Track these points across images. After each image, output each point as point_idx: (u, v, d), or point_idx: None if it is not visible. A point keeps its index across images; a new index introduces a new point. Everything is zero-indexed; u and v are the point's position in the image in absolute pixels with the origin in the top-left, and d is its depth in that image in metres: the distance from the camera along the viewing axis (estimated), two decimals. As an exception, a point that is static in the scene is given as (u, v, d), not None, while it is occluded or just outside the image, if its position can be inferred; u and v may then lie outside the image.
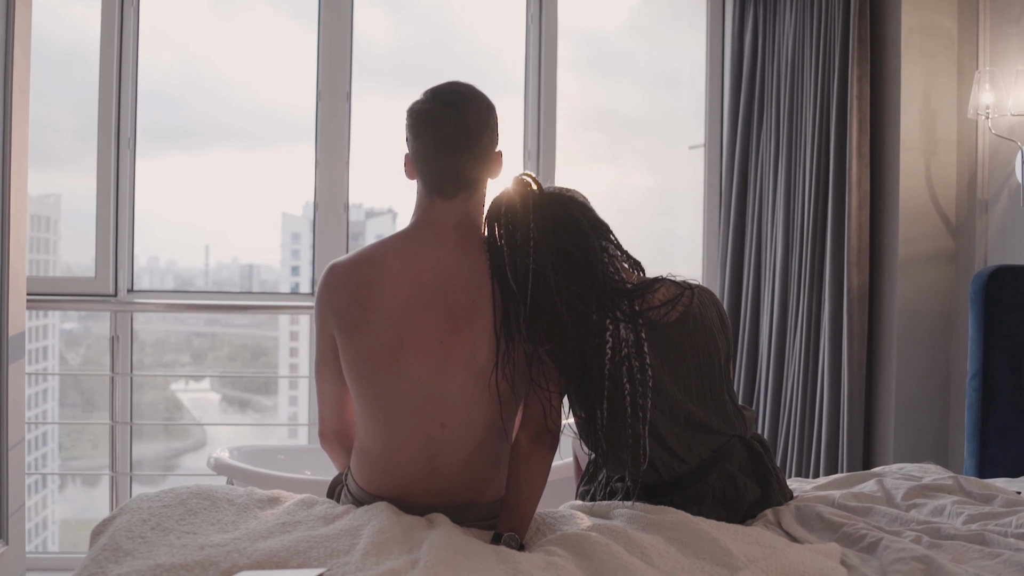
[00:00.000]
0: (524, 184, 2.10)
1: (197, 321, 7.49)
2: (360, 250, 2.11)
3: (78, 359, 6.76)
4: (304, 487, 3.07)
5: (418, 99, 2.09)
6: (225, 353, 8.22)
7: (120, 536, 1.77)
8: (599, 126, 4.85)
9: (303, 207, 7.19)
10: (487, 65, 4.81)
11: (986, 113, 3.35)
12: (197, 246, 5.68)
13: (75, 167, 3.58)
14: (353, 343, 2.02)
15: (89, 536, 1.89)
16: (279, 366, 7.97)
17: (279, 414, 7.56)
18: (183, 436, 7.36)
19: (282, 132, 5.24)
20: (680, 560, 1.80)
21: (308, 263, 7.63)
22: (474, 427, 2.03)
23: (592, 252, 2.11)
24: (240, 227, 5.49)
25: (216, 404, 8.04)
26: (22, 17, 3.12)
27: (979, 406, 2.97)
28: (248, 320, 7.96)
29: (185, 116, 4.37)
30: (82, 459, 6.76)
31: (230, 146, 5.39)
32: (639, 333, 2.08)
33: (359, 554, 1.72)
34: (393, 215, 5.80)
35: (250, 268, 6.54)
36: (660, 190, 5.19)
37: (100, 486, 6.12)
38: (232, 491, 2.07)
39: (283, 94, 5.09)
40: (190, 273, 6.00)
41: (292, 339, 7.95)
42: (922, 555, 1.79)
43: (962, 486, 2.34)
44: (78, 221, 3.70)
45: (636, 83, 5.05)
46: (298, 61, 5.00)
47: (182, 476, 5.48)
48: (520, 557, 1.78)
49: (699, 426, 2.19)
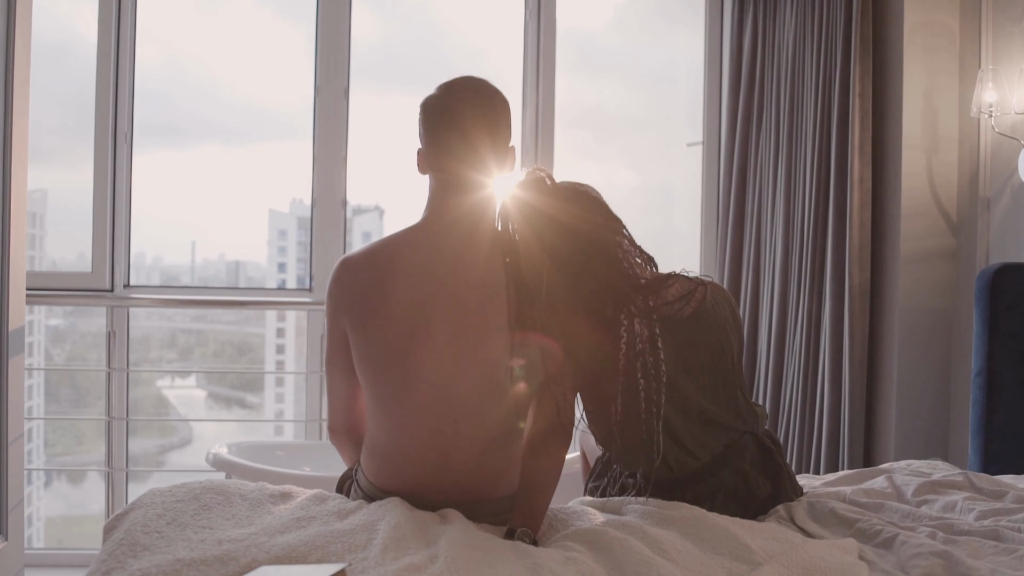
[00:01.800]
0: (538, 178, 2.09)
1: (183, 318, 7.47)
2: (372, 244, 2.09)
3: (63, 355, 6.73)
4: (304, 483, 3.05)
5: (432, 93, 2.08)
6: (211, 350, 8.20)
7: (136, 531, 1.76)
8: (585, 123, 4.85)
9: (290, 204, 7.17)
10: (473, 63, 4.80)
11: (989, 111, 3.37)
12: (183, 242, 5.67)
13: (61, 163, 3.56)
14: (365, 337, 2.01)
15: (102, 531, 1.88)
16: (265, 362, 7.97)
17: (265, 411, 7.55)
18: (169, 433, 7.34)
19: (268, 129, 5.23)
20: (698, 555, 1.79)
21: (295, 260, 7.61)
22: (486, 422, 2.03)
23: (607, 247, 2.10)
24: (226, 223, 5.49)
25: (202, 401, 8.03)
26: (23, 16, 3.11)
27: (983, 403, 2.99)
28: (234, 317, 7.96)
29: (170, 112, 4.36)
30: (67, 455, 6.74)
31: (216, 142, 5.40)
32: (653, 329, 2.08)
33: (377, 549, 1.71)
34: (380, 212, 5.79)
35: (236, 264, 6.53)
36: (647, 187, 5.19)
37: (85, 482, 6.09)
38: (244, 486, 2.06)
39: (269, 91, 5.07)
40: (176, 269, 5.99)
41: (279, 336, 7.94)
42: (940, 550, 1.80)
43: (972, 482, 2.35)
44: (64, 217, 3.67)
45: (623, 80, 5.05)
46: (284, 58, 4.98)
47: (180, 473, 5.45)
48: (538, 552, 1.77)
49: (711, 422, 2.19)
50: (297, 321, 7.39)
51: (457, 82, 2.08)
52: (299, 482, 2.38)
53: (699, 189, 4.62)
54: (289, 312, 7.03)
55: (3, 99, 3.07)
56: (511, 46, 4.75)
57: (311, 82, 4.34)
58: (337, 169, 4.32)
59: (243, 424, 6.35)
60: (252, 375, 7.85)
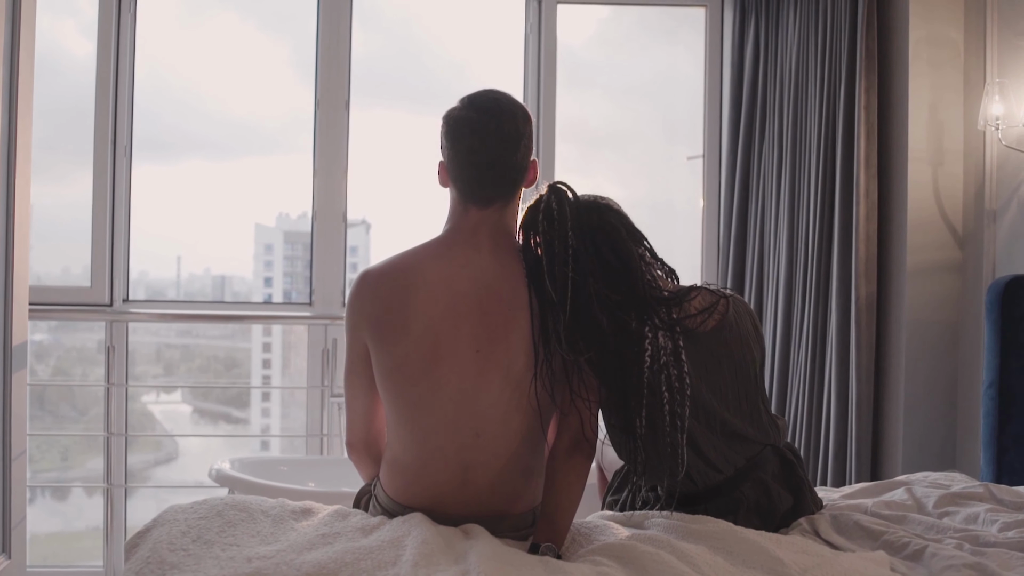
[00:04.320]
0: (559, 192, 2.08)
1: (169, 333, 7.44)
2: (393, 257, 2.08)
3: (47, 371, 6.68)
4: (310, 499, 3.03)
5: (454, 106, 2.07)
6: (197, 365, 8.17)
7: (162, 549, 1.74)
8: (570, 137, 4.85)
9: (276, 218, 7.16)
10: (454, 76, 4.80)
11: (996, 124, 3.38)
12: (169, 257, 5.64)
13: (44, 177, 3.54)
14: (388, 351, 1.99)
15: (124, 550, 1.86)
16: (251, 377, 7.93)
17: (252, 426, 7.52)
18: (155, 448, 7.29)
19: (253, 143, 5.22)
20: (729, 569, 1.78)
21: (281, 274, 7.57)
22: (509, 437, 2.01)
23: (631, 259, 2.09)
24: (212, 238, 5.46)
25: (187, 416, 8.00)
26: (27, 32, 3.10)
27: (996, 414, 2.99)
28: (220, 332, 7.93)
29: (155, 127, 4.34)
30: (51, 471, 6.68)
31: (200, 157, 5.38)
32: (677, 341, 2.07)
33: (408, 565, 1.70)
34: (367, 226, 5.78)
35: (222, 279, 6.51)
36: (632, 202, 5.20)
37: (69, 499, 6.02)
38: (265, 502, 2.04)
39: (253, 105, 5.06)
40: (161, 284, 5.95)
41: (265, 350, 7.91)
42: (973, 562, 1.79)
43: (993, 494, 2.34)
44: (47, 231, 3.64)
45: (607, 95, 5.05)
46: (267, 72, 4.97)
47: (178, 488, 5.41)
48: (570, 567, 1.75)
49: (734, 435, 2.18)
50: (284, 336, 7.36)
51: (479, 95, 2.07)
52: (305, 498, 2.35)
53: (699, 202, 4.62)
54: (275, 327, 7.00)
55: (7, 111, 3.06)
56: (493, 60, 4.75)
57: (296, 96, 4.33)
58: (337, 182, 4.30)
59: (228, 440, 6.30)
60: (244, 390, 7.80)
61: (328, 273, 4.27)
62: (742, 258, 4.33)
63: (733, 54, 4.37)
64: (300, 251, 6.64)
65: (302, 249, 6.34)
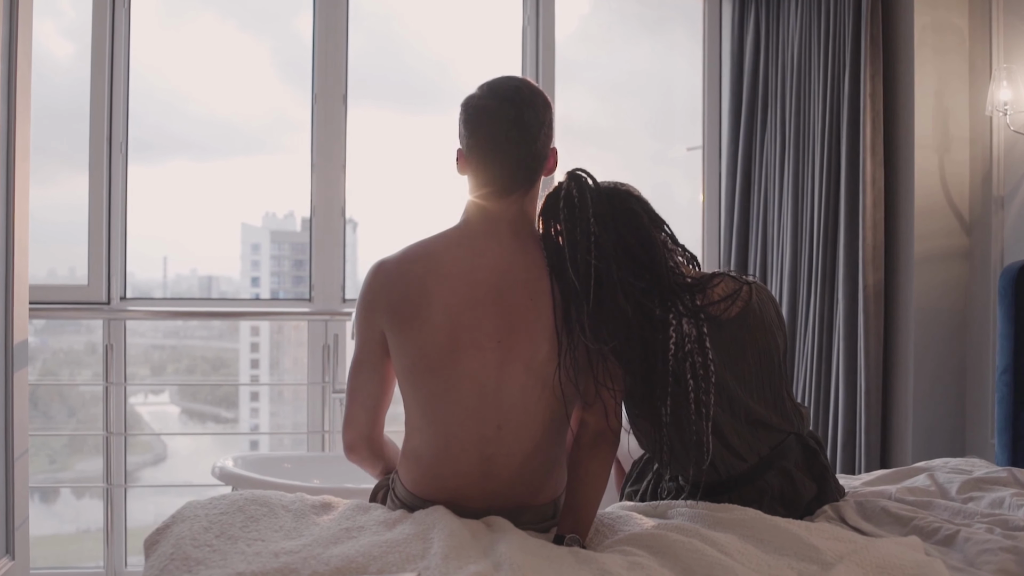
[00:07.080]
0: (579, 179, 2.05)
1: (156, 333, 7.38)
2: (409, 246, 2.04)
3: (34, 373, 6.62)
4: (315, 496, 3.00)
5: (473, 93, 2.04)
6: (184, 365, 8.11)
7: (186, 545, 1.70)
8: (558, 133, 4.83)
9: (263, 218, 7.12)
10: (437, 74, 4.77)
11: (1004, 110, 3.37)
12: (155, 257, 5.59)
13: (33, 177, 3.52)
14: (407, 340, 1.95)
15: (143, 547, 1.82)
16: (239, 377, 7.89)
17: (240, 425, 7.48)
18: (143, 450, 7.24)
19: (237, 142, 5.18)
20: (762, 557, 1.75)
21: (268, 273, 7.53)
22: (531, 428, 1.98)
23: (654, 246, 2.07)
24: (198, 238, 5.43)
25: (176, 417, 7.95)
26: (24, 34, 3.07)
27: (1011, 400, 2.97)
28: (208, 332, 7.88)
29: (138, 127, 4.31)
30: (39, 474, 6.62)
31: (184, 157, 5.34)
32: (701, 328, 2.04)
33: (438, 558, 1.66)
34: (354, 224, 5.74)
35: (209, 279, 6.46)
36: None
37: (58, 501, 5.97)
38: (284, 497, 2.01)
39: (236, 104, 5.03)
40: (148, 285, 5.90)
41: (252, 350, 7.86)
42: (1010, 546, 1.77)
43: (1017, 478, 2.33)
44: (34, 230, 3.62)
45: (590, 90, 5.02)
46: (249, 71, 4.95)
47: (181, 488, 5.35)
48: (601, 558, 1.73)
49: (759, 423, 2.16)
50: (272, 335, 7.32)
51: (498, 83, 2.04)
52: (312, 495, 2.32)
53: (695, 195, 4.60)
54: (264, 327, 6.96)
55: (6, 112, 3.04)
56: (477, 57, 4.72)
57: (279, 95, 4.27)
58: (336, 178, 4.26)
59: (218, 440, 6.24)
60: (233, 390, 7.76)
61: (328, 268, 4.23)
62: (744, 249, 4.31)
63: (733, 43, 4.35)
64: (287, 250, 6.61)
65: (289, 248, 6.30)
